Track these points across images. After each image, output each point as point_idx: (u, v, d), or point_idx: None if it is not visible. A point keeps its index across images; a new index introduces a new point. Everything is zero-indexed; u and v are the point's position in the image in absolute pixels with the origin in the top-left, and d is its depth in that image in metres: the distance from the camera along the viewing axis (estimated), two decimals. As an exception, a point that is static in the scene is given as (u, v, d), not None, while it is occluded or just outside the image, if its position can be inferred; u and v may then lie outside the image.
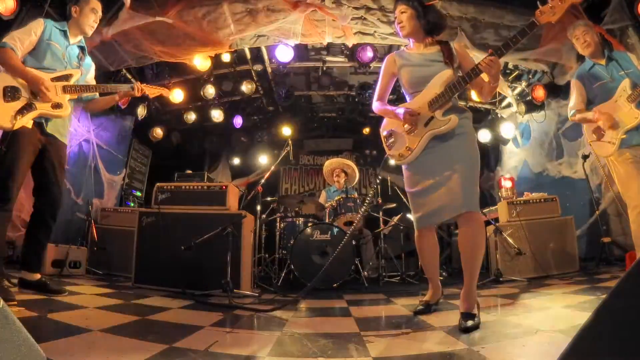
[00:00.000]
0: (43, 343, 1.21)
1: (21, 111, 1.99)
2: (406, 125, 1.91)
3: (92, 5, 2.29)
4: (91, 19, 2.29)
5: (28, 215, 2.47)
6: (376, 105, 2.09)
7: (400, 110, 1.90)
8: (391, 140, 2.02)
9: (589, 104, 2.61)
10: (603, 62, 2.56)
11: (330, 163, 4.96)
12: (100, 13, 2.34)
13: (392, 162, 2.06)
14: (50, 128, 2.18)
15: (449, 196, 1.77)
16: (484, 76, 1.75)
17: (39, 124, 2.11)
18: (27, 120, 2.02)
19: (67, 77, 2.19)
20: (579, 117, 2.62)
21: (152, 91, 2.46)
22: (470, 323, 1.56)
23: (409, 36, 1.97)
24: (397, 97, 4.88)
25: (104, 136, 5.21)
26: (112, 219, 4.59)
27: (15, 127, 1.96)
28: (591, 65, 2.61)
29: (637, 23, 3.25)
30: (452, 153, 1.81)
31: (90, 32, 2.32)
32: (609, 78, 2.49)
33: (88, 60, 2.45)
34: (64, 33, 2.25)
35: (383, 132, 2.09)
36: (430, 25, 1.91)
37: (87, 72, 2.42)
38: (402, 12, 1.93)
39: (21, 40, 2.05)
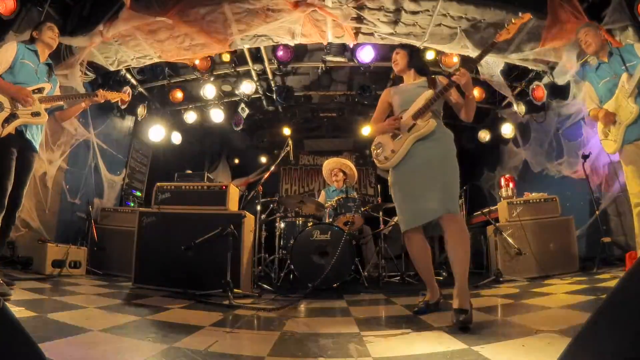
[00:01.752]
0: (43, 343, 1.21)
1: (7, 120, 2.30)
2: (395, 133, 2.17)
3: (48, 25, 2.67)
4: (50, 34, 2.64)
5: (28, 215, 2.48)
6: (371, 127, 2.40)
7: (386, 121, 2.24)
8: (379, 150, 2.26)
9: (600, 102, 2.61)
10: (606, 59, 2.56)
11: (328, 163, 4.96)
12: (56, 30, 2.69)
13: (378, 166, 2.28)
14: (28, 135, 2.46)
15: (429, 200, 1.96)
16: (456, 97, 2.15)
17: (20, 131, 2.39)
18: (12, 128, 2.32)
19: (40, 90, 2.49)
20: (592, 115, 2.66)
21: (112, 96, 2.79)
22: (462, 317, 1.63)
23: (401, 72, 2.34)
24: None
25: (104, 136, 5.21)
26: (112, 219, 4.59)
27: (3, 135, 2.27)
28: (597, 65, 2.63)
29: (637, 23, 3.24)
30: (432, 162, 2.02)
31: (53, 44, 2.67)
32: (612, 75, 2.49)
33: (54, 77, 2.76)
34: (35, 53, 2.57)
35: (372, 147, 2.32)
36: (417, 65, 2.31)
37: (55, 87, 2.72)
38: (396, 54, 2.33)
39: None
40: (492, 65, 4.47)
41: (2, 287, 2.16)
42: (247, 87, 5.46)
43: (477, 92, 5.29)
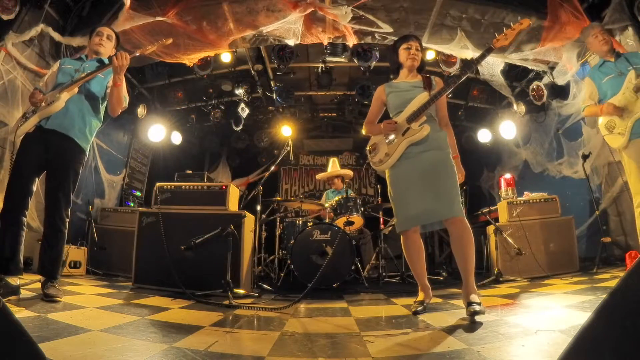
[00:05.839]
0: (43, 343, 1.21)
1: (18, 123, 2.27)
2: (389, 136, 2.20)
3: (97, 30, 2.59)
4: (96, 41, 2.54)
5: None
6: (366, 128, 2.37)
7: (381, 124, 2.23)
8: (374, 152, 2.29)
9: (602, 98, 2.67)
10: (612, 59, 2.64)
11: (320, 178, 5.06)
12: (105, 33, 2.56)
13: (373, 167, 2.31)
14: (49, 124, 2.26)
15: (434, 203, 2.01)
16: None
17: (39, 127, 2.26)
18: (28, 128, 2.23)
19: (61, 84, 2.36)
20: (587, 112, 2.72)
21: (140, 52, 2.62)
22: (477, 307, 1.71)
23: (414, 68, 2.29)
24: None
25: (104, 136, 5.21)
26: (112, 219, 4.59)
27: (16, 139, 2.21)
28: (601, 63, 2.70)
29: (637, 23, 3.24)
30: (428, 167, 2.06)
31: (100, 50, 2.53)
32: (617, 72, 2.55)
33: (109, 70, 2.52)
34: (80, 58, 2.58)
35: (368, 148, 2.33)
36: (421, 62, 2.32)
37: (105, 79, 2.51)
38: (417, 49, 2.27)
39: (46, 82, 2.44)
40: (492, 65, 4.47)
41: (57, 290, 2.12)
42: (246, 88, 5.46)
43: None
